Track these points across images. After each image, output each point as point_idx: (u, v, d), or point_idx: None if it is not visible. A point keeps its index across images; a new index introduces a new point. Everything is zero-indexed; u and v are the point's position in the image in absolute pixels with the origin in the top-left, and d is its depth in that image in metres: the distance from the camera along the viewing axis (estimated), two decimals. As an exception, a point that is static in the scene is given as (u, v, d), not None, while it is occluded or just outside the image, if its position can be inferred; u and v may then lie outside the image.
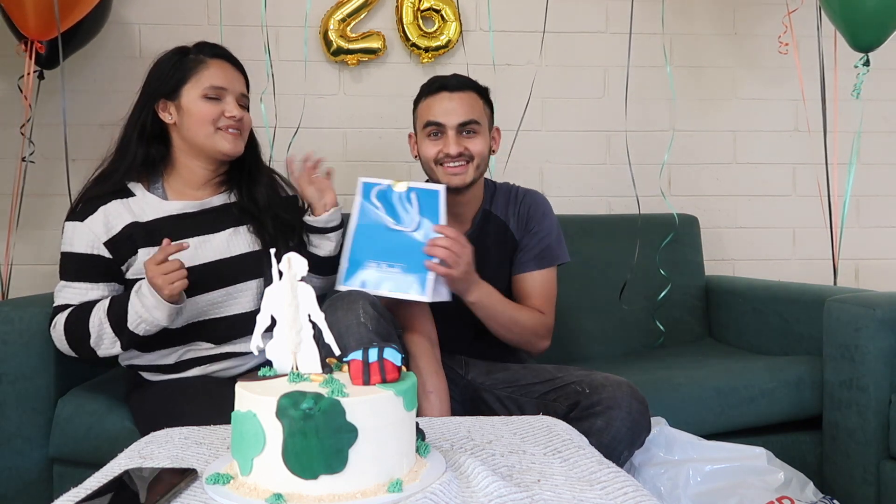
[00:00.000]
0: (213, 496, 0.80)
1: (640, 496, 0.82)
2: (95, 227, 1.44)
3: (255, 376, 0.88)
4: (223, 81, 1.49)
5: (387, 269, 1.46)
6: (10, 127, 2.17)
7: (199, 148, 1.49)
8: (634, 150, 2.29)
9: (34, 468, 1.54)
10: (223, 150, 1.49)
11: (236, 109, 1.49)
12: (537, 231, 1.65)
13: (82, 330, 1.39)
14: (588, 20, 2.43)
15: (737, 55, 2.49)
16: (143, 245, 1.44)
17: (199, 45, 1.53)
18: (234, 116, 1.48)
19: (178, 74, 1.48)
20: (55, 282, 1.48)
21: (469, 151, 1.56)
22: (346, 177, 2.36)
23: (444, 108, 1.57)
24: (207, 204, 1.52)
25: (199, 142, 1.48)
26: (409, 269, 1.45)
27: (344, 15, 2.30)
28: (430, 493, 0.79)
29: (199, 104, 1.47)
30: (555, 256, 1.66)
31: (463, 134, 1.56)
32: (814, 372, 1.70)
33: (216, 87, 1.48)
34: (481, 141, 1.58)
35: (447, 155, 1.55)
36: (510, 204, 1.68)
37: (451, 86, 1.58)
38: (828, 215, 2.20)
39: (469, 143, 1.56)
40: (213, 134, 1.47)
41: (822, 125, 2.21)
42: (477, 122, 1.57)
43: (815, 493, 1.58)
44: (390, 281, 1.46)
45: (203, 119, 1.47)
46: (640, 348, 2.15)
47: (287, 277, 0.85)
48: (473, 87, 1.60)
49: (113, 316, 1.38)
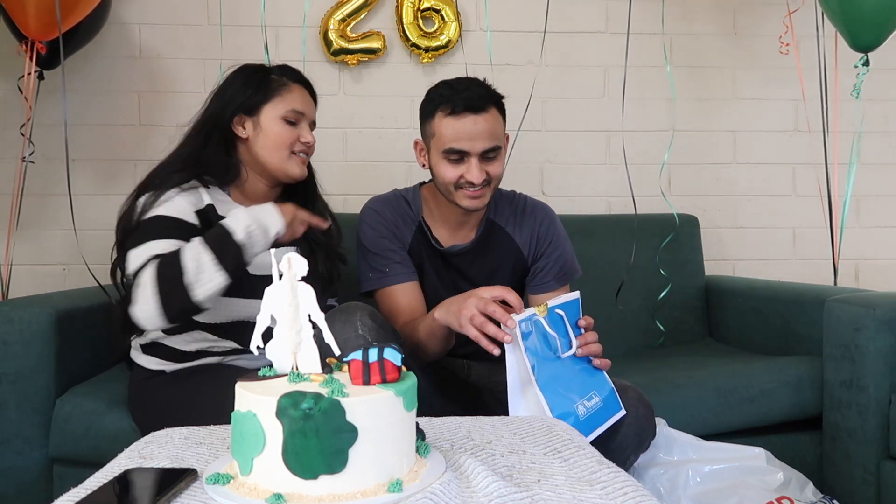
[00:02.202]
0: (213, 496, 0.80)
1: (640, 496, 0.82)
2: (188, 196, 1.41)
3: (255, 376, 0.88)
4: (303, 107, 1.52)
5: (590, 405, 1.28)
6: (10, 127, 2.17)
7: (268, 167, 1.51)
8: (634, 150, 2.29)
9: (34, 468, 1.54)
10: (293, 175, 1.51)
11: (311, 136, 1.53)
12: (553, 249, 1.64)
13: (175, 267, 1.24)
14: (588, 20, 2.43)
15: (737, 55, 2.49)
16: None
17: (282, 68, 1.56)
18: (309, 143, 1.52)
19: (260, 92, 1.50)
20: (55, 282, 1.49)
21: (489, 176, 1.50)
22: (347, 177, 2.37)
23: (468, 133, 1.46)
24: None
25: (272, 162, 1.50)
26: (600, 391, 1.31)
27: (344, 15, 2.30)
28: (430, 493, 0.79)
29: (278, 126, 1.49)
30: (574, 271, 1.67)
31: (485, 159, 1.49)
32: (814, 372, 1.71)
33: (297, 112, 1.51)
34: (501, 163, 1.53)
35: (469, 182, 1.48)
36: (516, 215, 1.65)
37: (475, 106, 1.46)
38: (828, 215, 2.21)
39: (490, 168, 1.49)
40: (287, 158, 1.50)
41: (823, 125, 2.21)
42: (500, 147, 1.52)
43: (814, 493, 1.58)
44: (599, 413, 1.29)
45: (280, 141, 1.49)
46: (640, 348, 2.15)
47: (287, 277, 0.85)
48: (494, 102, 1.50)
49: (212, 240, 1.28)
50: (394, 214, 1.60)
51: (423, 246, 1.61)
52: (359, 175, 2.37)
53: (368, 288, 1.59)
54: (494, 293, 1.27)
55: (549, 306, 1.28)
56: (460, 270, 1.63)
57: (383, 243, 1.57)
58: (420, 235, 1.61)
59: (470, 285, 1.60)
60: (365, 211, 1.63)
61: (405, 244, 1.59)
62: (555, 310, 1.29)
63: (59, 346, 1.56)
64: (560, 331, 1.29)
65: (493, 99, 1.51)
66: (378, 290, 1.57)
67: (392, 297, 1.55)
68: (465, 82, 1.51)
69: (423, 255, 1.61)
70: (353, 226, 1.79)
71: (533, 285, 1.65)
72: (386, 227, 1.58)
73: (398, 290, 1.55)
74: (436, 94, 1.52)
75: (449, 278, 1.63)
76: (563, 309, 1.31)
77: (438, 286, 1.62)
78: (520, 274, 1.67)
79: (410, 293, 1.56)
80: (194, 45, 2.32)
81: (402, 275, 1.56)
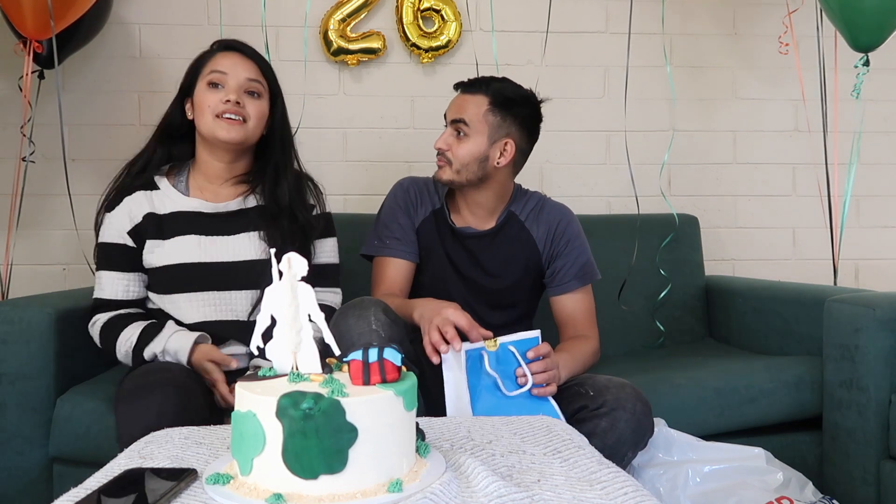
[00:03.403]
0: (213, 496, 0.80)
1: (640, 496, 0.82)
2: (121, 217, 1.52)
3: (255, 376, 0.88)
4: (223, 67, 1.52)
5: None
6: (10, 127, 2.17)
7: (205, 137, 1.53)
8: (634, 150, 2.29)
9: (34, 468, 1.54)
10: (220, 137, 1.50)
11: (233, 93, 1.50)
12: (571, 249, 1.68)
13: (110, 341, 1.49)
14: (588, 20, 2.43)
15: (737, 55, 2.49)
16: (151, 237, 1.50)
17: (214, 42, 1.59)
18: (230, 100, 1.49)
19: (193, 71, 1.55)
20: (55, 282, 1.50)
21: (450, 152, 1.60)
22: (346, 177, 2.37)
23: (455, 104, 1.65)
24: (223, 208, 1.54)
25: (204, 129, 1.51)
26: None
27: (344, 15, 2.30)
28: (430, 493, 0.79)
29: (203, 93, 1.51)
30: (593, 272, 1.70)
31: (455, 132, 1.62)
32: (814, 372, 1.70)
33: (216, 72, 1.51)
34: (466, 146, 1.60)
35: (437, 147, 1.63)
36: (538, 212, 1.70)
37: (465, 84, 1.65)
38: (828, 215, 2.20)
39: (455, 143, 1.61)
40: (213, 121, 1.50)
41: (822, 125, 2.21)
42: (465, 123, 1.60)
43: (814, 493, 1.58)
44: None
45: (203, 107, 1.50)
46: (640, 348, 2.15)
47: (287, 277, 0.85)
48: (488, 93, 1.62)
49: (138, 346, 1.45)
50: (416, 194, 1.71)
51: (439, 226, 1.69)
52: (359, 175, 2.37)
53: (367, 251, 1.70)
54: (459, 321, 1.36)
55: (503, 342, 1.38)
56: (473, 254, 1.68)
57: (394, 217, 1.68)
58: (436, 217, 1.69)
59: (481, 271, 1.65)
60: (395, 185, 1.75)
61: (415, 223, 1.69)
62: (508, 346, 1.37)
63: (59, 346, 1.55)
64: (508, 368, 1.37)
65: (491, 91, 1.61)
66: (375, 256, 1.69)
67: (381, 267, 1.67)
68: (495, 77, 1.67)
69: (435, 235, 1.68)
70: (354, 226, 1.80)
71: (554, 286, 1.68)
72: (403, 202, 1.69)
73: (389, 262, 1.66)
74: None
75: (461, 259, 1.67)
76: (518, 346, 1.39)
77: (447, 266, 1.67)
78: (533, 270, 1.69)
79: (398, 270, 1.66)
80: (195, 45, 2.29)
81: (397, 251, 1.66)
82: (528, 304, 1.73)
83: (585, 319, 1.66)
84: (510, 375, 1.37)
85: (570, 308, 1.66)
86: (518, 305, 1.70)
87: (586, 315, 1.66)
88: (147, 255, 1.51)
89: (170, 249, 1.50)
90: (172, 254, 1.49)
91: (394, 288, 1.64)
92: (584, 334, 1.63)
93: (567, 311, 1.66)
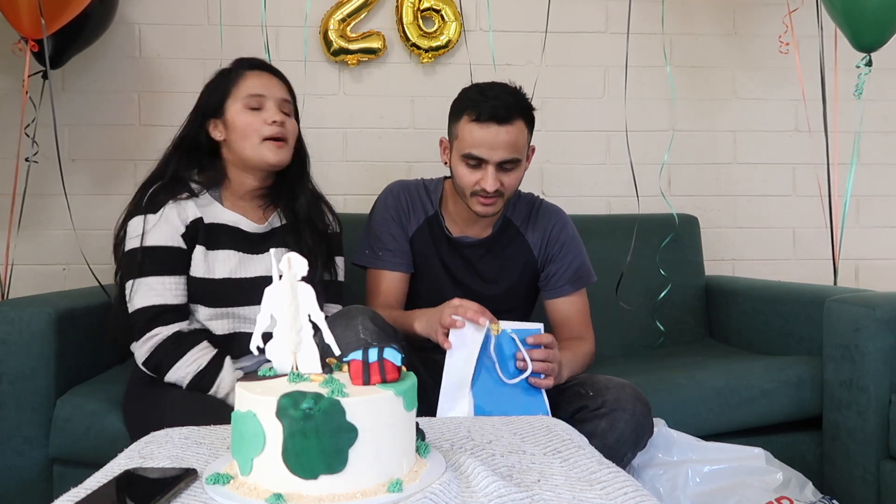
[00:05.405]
0: (213, 496, 0.80)
1: (640, 496, 0.82)
2: (173, 219, 1.45)
3: (255, 376, 0.88)
4: (261, 89, 1.50)
5: None
6: (10, 127, 2.17)
7: (248, 160, 1.50)
8: (634, 151, 2.28)
9: (34, 468, 1.54)
10: (269, 161, 1.49)
11: (277, 114, 1.50)
12: (566, 253, 1.67)
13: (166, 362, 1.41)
14: (588, 20, 2.43)
15: (737, 55, 2.49)
16: (200, 243, 1.47)
17: (237, 61, 1.56)
18: (276, 121, 1.49)
19: (220, 91, 1.51)
20: (55, 282, 1.49)
21: (503, 187, 1.53)
22: (346, 177, 2.37)
23: (489, 142, 1.49)
24: (260, 228, 1.54)
25: (247, 154, 1.49)
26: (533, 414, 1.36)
27: (344, 15, 2.30)
28: (430, 493, 0.79)
29: (242, 116, 1.49)
30: (589, 275, 1.69)
31: (502, 169, 1.52)
32: (814, 372, 1.70)
33: (255, 95, 1.49)
34: (518, 175, 1.55)
35: (483, 190, 1.52)
36: (531, 216, 1.69)
37: (500, 117, 1.48)
38: (828, 215, 2.20)
39: (505, 178, 1.52)
40: (259, 145, 1.48)
41: (823, 125, 2.21)
42: (518, 160, 1.53)
43: (814, 493, 1.58)
44: None
45: (247, 130, 1.48)
46: (640, 348, 2.15)
47: (287, 277, 0.85)
48: (522, 114, 1.52)
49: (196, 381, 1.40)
50: (407, 202, 1.66)
51: (433, 234, 1.65)
52: (359, 175, 2.37)
53: (360, 262, 1.67)
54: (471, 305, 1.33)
55: (505, 329, 1.35)
56: (470, 262, 1.67)
57: (386, 228, 1.64)
58: (430, 225, 1.66)
59: (478, 278, 1.65)
60: (384, 191, 1.70)
61: (408, 233, 1.65)
62: (509, 333, 1.36)
63: (59, 346, 1.55)
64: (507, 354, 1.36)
65: (521, 110, 1.52)
66: (368, 267, 1.67)
67: (375, 279, 1.65)
68: (497, 89, 1.53)
69: (430, 243, 1.65)
70: (354, 226, 1.79)
71: (548, 290, 1.68)
72: (395, 211, 1.65)
73: (383, 274, 1.64)
74: (466, 96, 1.55)
75: (457, 267, 1.66)
76: (519, 334, 1.37)
77: (443, 274, 1.65)
78: (529, 274, 1.69)
79: (392, 282, 1.64)
80: (194, 45, 2.32)
81: (390, 263, 1.64)
82: (524, 309, 1.73)
83: (581, 321, 1.66)
84: (508, 362, 1.37)
85: (566, 311, 1.66)
86: (515, 310, 1.69)
87: (581, 317, 1.66)
88: (193, 260, 1.46)
89: (213, 262, 1.47)
90: (215, 267, 1.47)
91: (390, 299, 1.62)
92: (581, 335, 1.63)
93: (562, 314, 1.66)
